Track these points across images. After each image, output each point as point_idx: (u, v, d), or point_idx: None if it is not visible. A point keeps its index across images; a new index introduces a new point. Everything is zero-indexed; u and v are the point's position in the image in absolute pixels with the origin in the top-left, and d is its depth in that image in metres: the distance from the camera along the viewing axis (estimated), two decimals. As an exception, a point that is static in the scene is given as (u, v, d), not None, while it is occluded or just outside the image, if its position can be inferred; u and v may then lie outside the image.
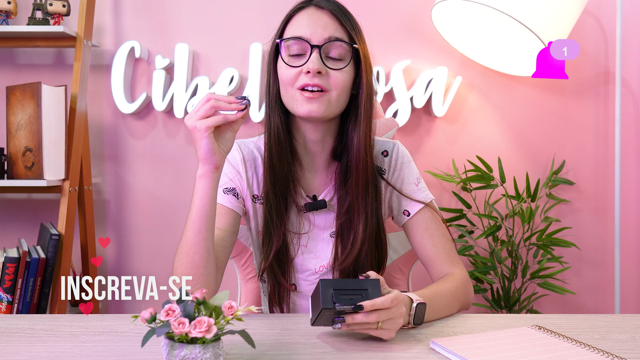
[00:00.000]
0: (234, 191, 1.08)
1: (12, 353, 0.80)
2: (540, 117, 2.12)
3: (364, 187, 1.05)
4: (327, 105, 1.01)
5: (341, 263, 1.07)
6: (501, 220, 1.97)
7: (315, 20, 1.01)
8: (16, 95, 1.83)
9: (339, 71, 1.01)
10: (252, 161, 1.11)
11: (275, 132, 1.04)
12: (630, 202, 2.12)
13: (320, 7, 1.03)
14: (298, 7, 1.04)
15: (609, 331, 0.91)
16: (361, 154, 1.03)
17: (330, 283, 0.81)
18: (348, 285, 0.82)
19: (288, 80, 1.01)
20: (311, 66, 0.98)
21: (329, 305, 0.79)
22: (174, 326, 0.67)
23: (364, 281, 0.83)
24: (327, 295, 0.79)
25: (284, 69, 1.02)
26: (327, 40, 1.00)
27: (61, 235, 1.78)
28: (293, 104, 1.02)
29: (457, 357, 0.76)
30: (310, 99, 0.99)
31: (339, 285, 0.81)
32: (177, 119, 2.11)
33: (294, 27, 1.03)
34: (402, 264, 1.36)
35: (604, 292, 2.14)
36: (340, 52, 1.01)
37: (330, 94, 1.01)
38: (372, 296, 0.81)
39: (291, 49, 1.02)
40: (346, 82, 1.02)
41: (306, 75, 0.99)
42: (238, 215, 1.08)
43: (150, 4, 2.12)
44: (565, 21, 1.80)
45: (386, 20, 2.10)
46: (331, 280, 0.81)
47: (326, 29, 1.01)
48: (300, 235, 1.09)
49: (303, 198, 1.09)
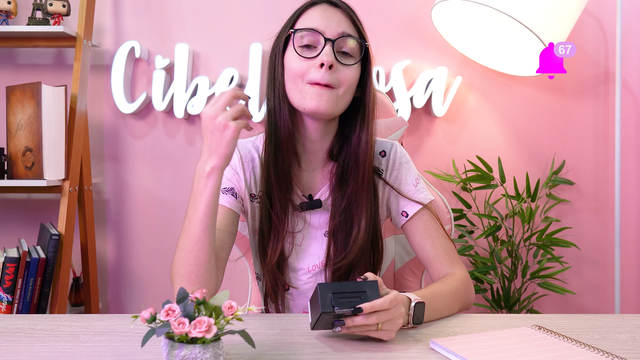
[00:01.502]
0: (232, 191, 1.08)
1: (12, 353, 0.80)
2: (540, 117, 2.12)
3: (362, 189, 1.05)
4: (334, 101, 1.01)
5: (335, 263, 1.06)
6: (501, 220, 1.97)
7: (329, 15, 1.02)
8: (16, 95, 1.83)
9: (348, 67, 1.02)
10: (250, 161, 1.11)
11: (285, 126, 1.03)
12: (630, 202, 2.12)
13: (334, 4, 1.04)
14: (311, 2, 1.05)
15: (609, 331, 0.91)
16: (365, 157, 1.04)
17: (329, 287, 0.81)
18: (346, 288, 0.81)
19: (299, 73, 1.01)
20: (325, 58, 0.98)
21: (328, 309, 0.79)
22: (174, 326, 0.67)
23: (362, 283, 0.83)
24: (326, 300, 0.79)
25: (295, 60, 1.01)
26: (340, 35, 1.01)
27: (61, 235, 1.78)
28: (301, 98, 1.01)
29: (457, 357, 0.76)
30: (319, 95, 0.99)
31: (338, 289, 0.81)
32: (177, 119, 2.11)
33: (307, 19, 1.03)
34: (415, 266, 1.35)
35: (604, 292, 2.14)
36: (351, 49, 1.02)
37: (338, 90, 1.01)
38: (370, 298, 0.81)
39: (304, 40, 1.01)
40: (354, 79, 1.03)
41: (318, 70, 0.99)
42: (237, 215, 1.08)
43: (150, 4, 2.12)
44: (565, 21, 1.80)
45: (386, 20, 2.10)
46: (329, 284, 0.81)
47: (340, 24, 1.02)
48: (294, 234, 1.09)
49: (299, 197, 1.09)
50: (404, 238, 1.33)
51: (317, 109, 1.00)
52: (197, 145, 2.12)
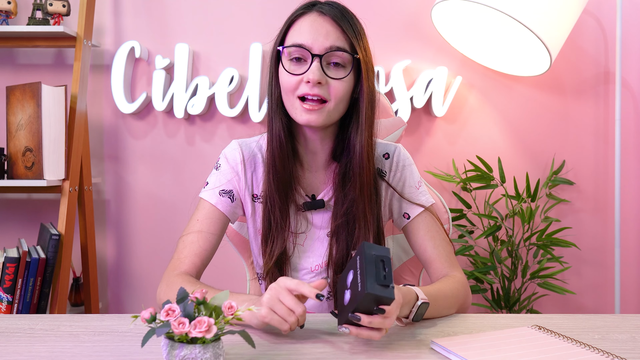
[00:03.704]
0: (230, 193, 1.09)
1: (12, 353, 0.80)
2: (540, 117, 2.12)
3: (364, 191, 1.05)
4: (326, 116, 1.02)
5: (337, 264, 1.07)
6: (501, 220, 1.97)
7: (317, 27, 1.01)
8: (16, 95, 1.83)
9: (339, 81, 1.01)
10: (252, 161, 1.11)
11: (277, 136, 1.05)
12: (630, 202, 2.12)
13: (323, 13, 1.02)
14: (300, 11, 1.04)
15: (609, 331, 0.91)
16: (363, 160, 1.04)
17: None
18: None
19: (289, 88, 1.02)
20: (311, 76, 0.99)
21: (376, 291, 0.75)
22: (174, 326, 0.67)
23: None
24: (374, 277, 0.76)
25: (285, 75, 1.03)
26: (328, 50, 1.00)
27: (61, 235, 1.78)
28: (293, 111, 1.03)
29: (457, 357, 0.76)
30: (309, 110, 1.00)
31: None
32: (177, 119, 2.11)
33: (295, 33, 1.02)
34: (413, 265, 1.36)
35: (604, 292, 2.14)
36: (341, 60, 1.01)
37: (329, 105, 1.01)
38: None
39: (292, 54, 1.02)
40: (345, 91, 1.02)
41: (306, 85, 1.00)
42: (228, 220, 1.10)
43: (150, 4, 2.12)
44: (565, 21, 1.80)
45: (386, 20, 2.10)
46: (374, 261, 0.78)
47: (328, 37, 1.00)
48: (297, 234, 1.09)
49: (302, 197, 1.09)
50: (401, 238, 1.33)
51: (307, 123, 1.01)
52: (197, 145, 2.12)
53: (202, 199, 1.09)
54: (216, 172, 1.11)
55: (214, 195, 1.08)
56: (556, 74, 2.09)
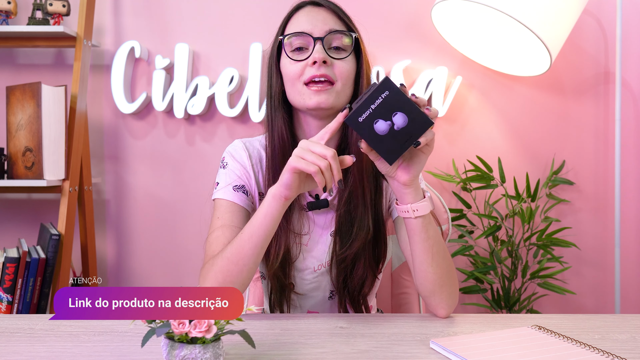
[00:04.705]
0: (243, 188, 1.09)
1: (12, 353, 0.80)
2: (540, 117, 2.12)
3: (364, 178, 1.05)
4: (335, 96, 1.03)
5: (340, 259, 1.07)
6: (501, 220, 1.97)
7: (314, 15, 1.05)
8: (16, 95, 1.83)
9: (342, 60, 1.04)
10: (258, 160, 1.12)
11: (279, 133, 1.06)
12: (630, 202, 2.12)
13: (318, 4, 1.07)
14: (296, 7, 1.08)
15: (609, 331, 0.91)
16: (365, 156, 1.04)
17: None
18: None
19: (294, 75, 1.03)
20: (317, 55, 1.01)
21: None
22: (174, 326, 0.67)
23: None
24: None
25: (288, 65, 1.04)
26: (328, 32, 1.03)
27: (61, 235, 1.78)
28: (301, 99, 1.03)
29: (457, 357, 0.76)
30: (318, 92, 1.01)
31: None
32: (177, 119, 2.11)
33: (294, 24, 1.06)
34: None
35: (604, 292, 2.14)
36: (342, 42, 1.04)
37: (337, 85, 1.03)
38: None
39: (294, 44, 1.04)
40: (350, 71, 1.05)
41: (312, 67, 1.01)
42: (248, 213, 1.09)
43: (150, 4, 2.12)
44: (565, 21, 1.80)
45: (386, 20, 2.09)
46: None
47: (326, 22, 1.04)
48: (301, 235, 1.09)
49: (305, 197, 1.09)
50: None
51: (318, 105, 1.02)
52: (197, 145, 2.12)
53: (217, 199, 1.08)
54: (224, 170, 1.10)
55: (228, 192, 1.07)
56: (556, 74, 2.09)
